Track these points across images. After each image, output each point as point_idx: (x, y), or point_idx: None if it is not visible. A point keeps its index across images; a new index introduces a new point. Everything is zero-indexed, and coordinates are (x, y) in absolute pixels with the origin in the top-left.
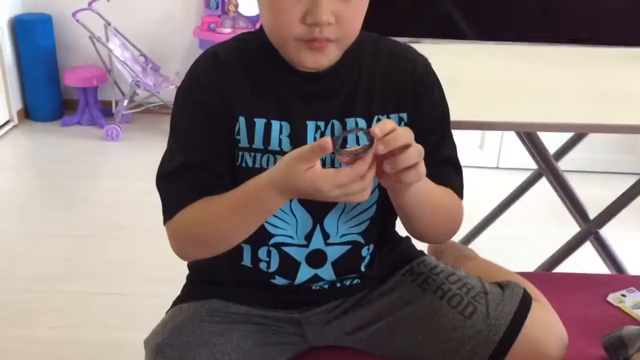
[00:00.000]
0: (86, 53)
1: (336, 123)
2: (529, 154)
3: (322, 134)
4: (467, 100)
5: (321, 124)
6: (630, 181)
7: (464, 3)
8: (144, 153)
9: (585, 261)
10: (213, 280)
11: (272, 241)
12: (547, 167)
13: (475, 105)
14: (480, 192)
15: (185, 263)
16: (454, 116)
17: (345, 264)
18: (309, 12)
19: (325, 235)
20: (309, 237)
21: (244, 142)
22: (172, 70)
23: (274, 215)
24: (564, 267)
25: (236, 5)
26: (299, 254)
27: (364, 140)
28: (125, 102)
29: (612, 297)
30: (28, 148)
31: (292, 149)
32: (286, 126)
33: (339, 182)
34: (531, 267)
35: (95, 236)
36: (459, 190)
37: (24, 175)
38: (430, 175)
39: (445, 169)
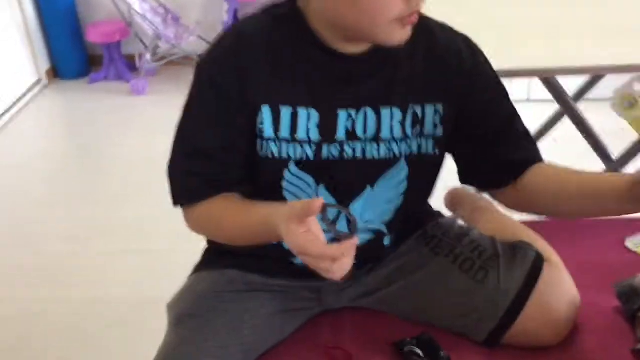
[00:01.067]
0: (106, 7)
1: (369, 112)
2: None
3: (354, 124)
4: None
5: (352, 112)
6: None
7: None
8: (171, 105)
9: None
10: (232, 251)
11: None
12: (566, 109)
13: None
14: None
15: None
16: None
17: (366, 251)
18: None
19: (349, 220)
20: (333, 222)
21: (268, 132)
22: (192, 19)
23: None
24: None
25: None
26: None
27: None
28: (149, 56)
29: (630, 242)
30: (59, 107)
31: (321, 139)
32: (314, 114)
33: (308, 251)
34: None
35: (126, 194)
36: (542, 160)
37: (57, 135)
38: (518, 153)
39: (528, 146)
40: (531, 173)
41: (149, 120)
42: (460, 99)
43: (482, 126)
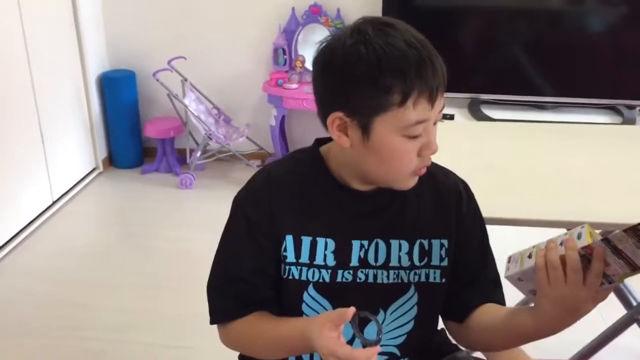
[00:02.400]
0: (165, 106)
1: (380, 243)
2: None
3: (366, 253)
4: (500, 191)
5: (365, 242)
6: None
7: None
8: (214, 201)
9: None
10: None
11: None
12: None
13: (509, 197)
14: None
15: None
16: (492, 212)
17: None
18: (426, 145)
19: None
20: (361, 330)
21: (290, 258)
22: (242, 122)
23: None
24: (608, 351)
25: (303, 62)
26: None
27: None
28: (199, 153)
29: None
30: (110, 195)
31: (336, 264)
32: (331, 243)
33: (337, 353)
34: (577, 344)
35: (167, 287)
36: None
37: (106, 222)
38: (480, 294)
39: (494, 289)
40: (476, 313)
41: (194, 213)
42: (457, 236)
43: (462, 265)
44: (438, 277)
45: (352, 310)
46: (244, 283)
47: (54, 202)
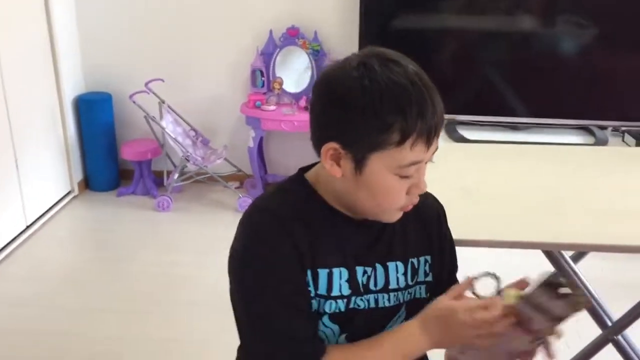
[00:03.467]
0: (142, 128)
1: (379, 267)
2: None
3: (368, 278)
4: (477, 214)
5: (368, 269)
6: None
7: (500, 80)
8: (191, 223)
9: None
10: None
11: None
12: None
13: (486, 219)
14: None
15: (228, 340)
16: (467, 234)
17: None
18: (415, 185)
19: None
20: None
21: (310, 289)
22: (220, 143)
23: None
24: None
25: (280, 84)
26: None
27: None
28: (176, 175)
29: None
30: (86, 218)
31: (351, 293)
32: (345, 272)
33: (470, 307)
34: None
35: (145, 311)
36: None
37: (82, 246)
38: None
39: None
40: None
41: (171, 236)
42: (437, 251)
43: (442, 275)
44: (423, 291)
45: (470, 280)
46: (311, 319)
47: (28, 227)
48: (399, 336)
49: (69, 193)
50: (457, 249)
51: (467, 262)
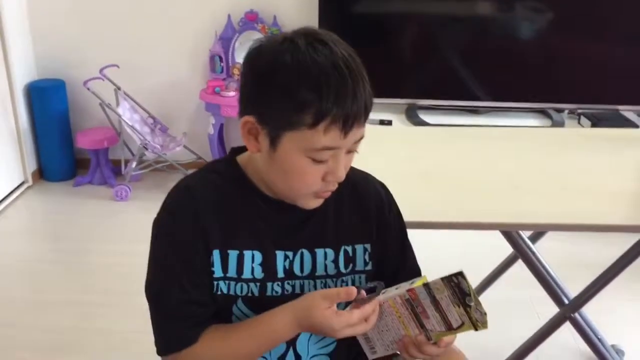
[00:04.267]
0: (98, 115)
1: (305, 253)
2: None
3: (291, 263)
4: (436, 196)
5: (290, 253)
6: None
7: (460, 64)
8: (151, 212)
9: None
10: None
11: None
12: (521, 255)
13: (444, 202)
14: (481, 252)
15: None
16: (426, 217)
17: None
18: (331, 172)
19: (297, 357)
20: (282, 358)
21: (218, 273)
22: (179, 131)
23: None
24: (545, 347)
25: (240, 69)
26: None
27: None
28: (134, 164)
29: None
30: (41, 209)
31: (264, 277)
32: (258, 255)
33: (350, 322)
34: (513, 342)
35: (102, 304)
36: None
37: (37, 238)
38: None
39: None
40: None
41: (130, 226)
42: (379, 239)
43: (385, 264)
44: (363, 281)
45: (354, 290)
46: (195, 305)
47: None
48: (272, 321)
49: (22, 184)
50: (417, 232)
51: (433, 245)
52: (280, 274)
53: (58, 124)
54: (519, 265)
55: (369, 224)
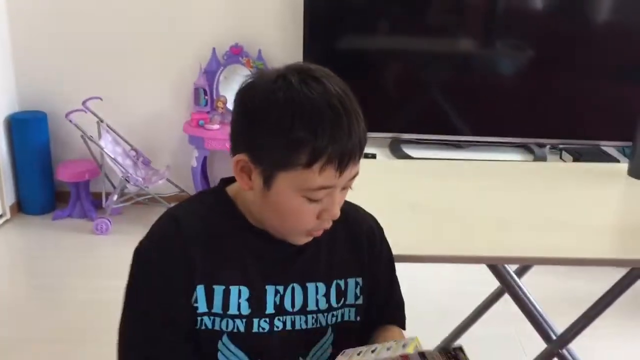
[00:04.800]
0: (79, 147)
1: (297, 287)
2: None
3: (282, 298)
4: (422, 228)
5: (280, 288)
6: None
7: (444, 100)
8: (133, 245)
9: None
10: None
11: None
12: (507, 288)
13: (430, 234)
14: (467, 287)
15: None
16: (412, 250)
17: None
18: (326, 210)
19: None
20: None
21: (202, 308)
22: (162, 163)
23: None
24: None
25: (224, 102)
26: None
27: None
28: (115, 197)
29: None
30: (19, 243)
31: (251, 313)
32: (245, 291)
33: None
34: None
35: (80, 341)
36: (404, 324)
37: (14, 274)
38: (384, 318)
39: (397, 313)
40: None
41: (111, 260)
42: (370, 272)
43: (372, 296)
44: (353, 315)
45: None
46: (161, 343)
47: None
48: None
49: (0, 217)
50: (403, 265)
51: (418, 279)
52: (270, 310)
53: (38, 156)
54: (505, 301)
55: (361, 257)
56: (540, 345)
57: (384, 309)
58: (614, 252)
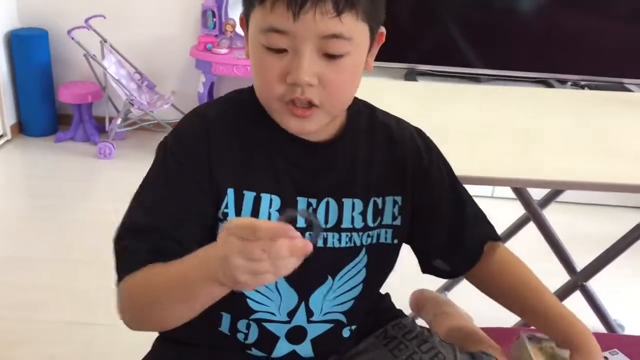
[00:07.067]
0: (82, 69)
1: (332, 202)
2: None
3: (314, 212)
4: (450, 150)
5: (313, 201)
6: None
7: (462, 31)
8: (136, 171)
9: (579, 309)
10: (187, 340)
11: (253, 316)
12: (533, 216)
13: (459, 156)
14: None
15: None
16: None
17: (325, 342)
18: (290, 70)
19: (309, 313)
20: (292, 314)
21: (231, 215)
22: (167, 88)
23: (258, 292)
24: None
25: (233, 26)
26: (279, 330)
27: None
28: (119, 121)
29: None
30: (20, 164)
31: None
32: (276, 200)
33: (259, 226)
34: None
35: (82, 261)
36: (498, 237)
37: (15, 194)
38: (472, 239)
39: (480, 229)
40: (488, 261)
41: (113, 184)
42: (416, 191)
43: (435, 218)
44: (390, 237)
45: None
46: (172, 239)
47: None
48: (190, 257)
49: (0, 137)
50: None
51: None
52: (301, 224)
53: (40, 75)
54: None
55: (402, 174)
56: (564, 278)
57: (461, 236)
58: None
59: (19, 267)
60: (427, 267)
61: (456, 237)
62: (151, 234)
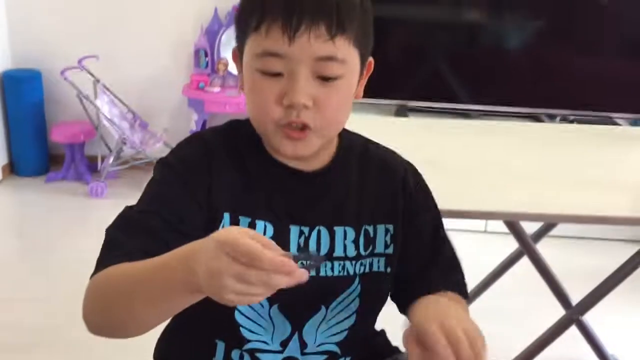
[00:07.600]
0: (75, 108)
1: (323, 231)
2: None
3: (306, 240)
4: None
5: (305, 229)
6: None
7: (452, 67)
8: None
9: (575, 343)
10: None
11: (246, 346)
12: (526, 250)
13: (453, 191)
14: (467, 259)
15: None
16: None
17: None
18: (286, 93)
19: (303, 344)
20: (285, 343)
21: None
22: (160, 127)
23: (251, 320)
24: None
25: (226, 64)
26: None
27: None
28: (112, 159)
29: None
30: (11, 205)
31: None
32: (270, 227)
33: (261, 256)
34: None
35: (73, 303)
36: (465, 291)
37: (5, 235)
38: (438, 280)
39: (451, 273)
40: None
41: (104, 224)
42: (404, 220)
43: (412, 250)
44: (383, 265)
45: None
46: (156, 238)
47: None
48: (176, 251)
49: None
50: None
51: None
52: (293, 252)
53: (32, 115)
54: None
55: (393, 203)
56: (551, 315)
57: (430, 269)
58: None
59: (9, 309)
60: (392, 295)
61: (422, 272)
62: (141, 233)
